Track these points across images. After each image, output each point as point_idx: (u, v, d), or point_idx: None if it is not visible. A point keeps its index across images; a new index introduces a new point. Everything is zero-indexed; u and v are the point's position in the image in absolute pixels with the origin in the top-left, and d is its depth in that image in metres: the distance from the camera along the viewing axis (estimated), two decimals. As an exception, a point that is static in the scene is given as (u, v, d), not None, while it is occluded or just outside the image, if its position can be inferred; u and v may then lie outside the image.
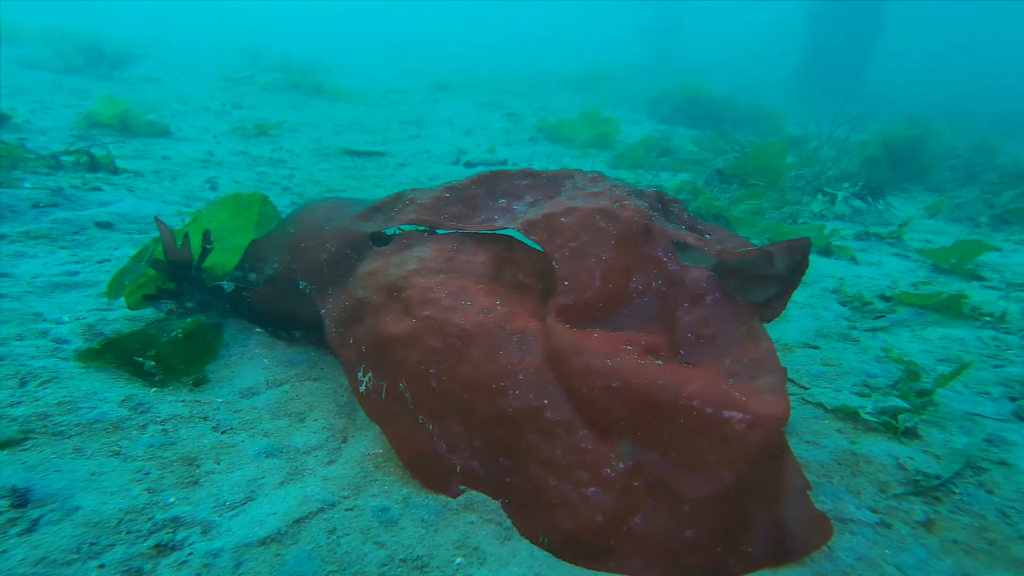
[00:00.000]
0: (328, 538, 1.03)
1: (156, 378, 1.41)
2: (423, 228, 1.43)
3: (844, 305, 2.45)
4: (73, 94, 6.46)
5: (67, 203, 2.76)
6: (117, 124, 4.65)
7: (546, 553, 1.07)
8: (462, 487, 1.17)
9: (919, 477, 1.34)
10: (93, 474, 1.10)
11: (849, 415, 1.57)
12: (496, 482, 1.15)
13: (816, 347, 1.99)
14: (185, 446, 1.22)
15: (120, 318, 1.67)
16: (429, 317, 1.20)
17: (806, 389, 1.71)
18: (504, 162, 5.13)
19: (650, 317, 1.27)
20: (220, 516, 1.05)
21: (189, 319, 1.48)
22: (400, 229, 1.44)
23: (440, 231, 1.41)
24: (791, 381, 1.75)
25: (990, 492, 1.33)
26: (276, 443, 1.26)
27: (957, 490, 1.32)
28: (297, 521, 1.05)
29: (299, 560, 0.98)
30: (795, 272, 1.50)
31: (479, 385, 1.15)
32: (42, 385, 1.35)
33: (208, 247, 1.66)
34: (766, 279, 1.51)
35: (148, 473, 1.13)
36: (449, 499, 1.15)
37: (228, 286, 1.71)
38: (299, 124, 6.12)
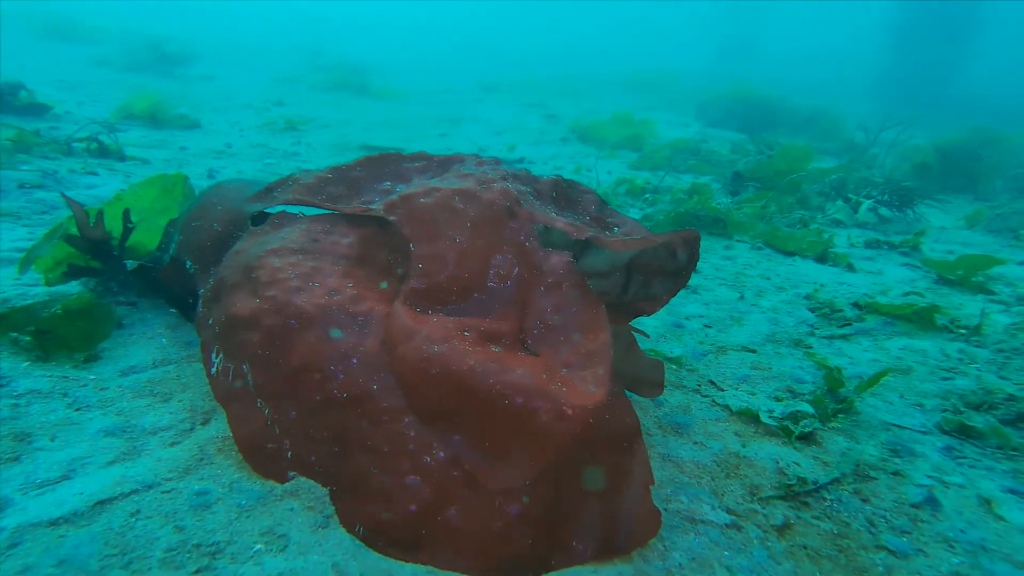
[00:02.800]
0: (125, 520, 1.01)
1: (35, 353, 1.43)
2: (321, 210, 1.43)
3: (813, 311, 2.32)
4: (129, 89, 6.81)
5: (55, 185, 2.89)
6: (148, 116, 4.89)
7: (359, 543, 1.05)
8: (292, 473, 1.14)
9: (794, 482, 1.26)
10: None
11: (751, 418, 1.49)
12: (325, 469, 1.13)
13: (753, 351, 1.89)
14: (27, 421, 1.22)
15: (41, 294, 1.68)
16: (272, 298, 1.19)
17: (722, 391, 1.62)
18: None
19: (508, 302, 1.23)
20: (24, 494, 1.04)
21: (74, 295, 1.51)
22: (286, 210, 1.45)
23: (320, 212, 1.41)
24: (711, 383, 1.67)
25: (865, 500, 1.24)
26: (124, 422, 1.25)
27: (829, 496, 1.24)
28: (102, 502, 1.04)
29: (80, 543, 0.96)
30: (691, 266, 1.44)
31: (311, 368, 1.14)
32: None
33: (129, 226, 1.72)
34: (666, 274, 1.46)
35: None
36: (276, 485, 1.12)
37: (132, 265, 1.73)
38: (332, 121, 6.28)
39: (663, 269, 1.44)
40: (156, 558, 0.96)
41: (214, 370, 1.26)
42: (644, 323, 2.03)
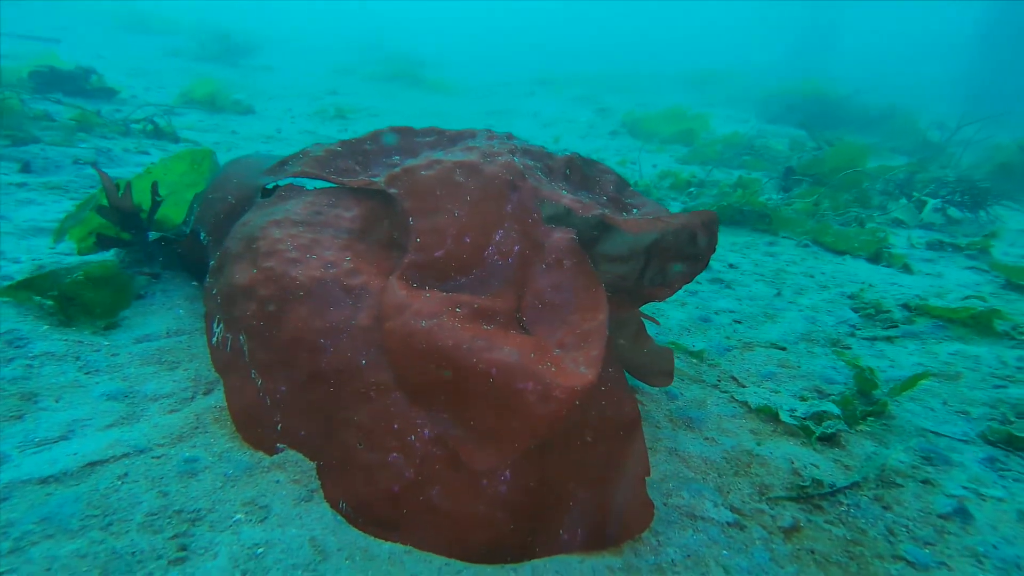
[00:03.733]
0: (111, 483, 1.01)
1: (57, 317, 1.46)
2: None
3: (856, 311, 2.19)
4: (194, 77, 7.05)
5: (108, 162, 3.01)
6: (206, 101, 5.06)
7: (340, 519, 1.03)
8: (281, 445, 1.13)
9: (808, 483, 1.18)
10: (-70, 398, 1.15)
11: (770, 417, 1.40)
12: (313, 443, 1.11)
13: (782, 348, 1.79)
14: (37, 382, 1.24)
15: (74, 264, 1.75)
16: (269, 268, 1.18)
17: (743, 388, 1.54)
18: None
19: (507, 280, 1.19)
20: (21, 452, 1.06)
21: (96, 263, 1.55)
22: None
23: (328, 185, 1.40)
24: (732, 379, 1.59)
25: (886, 508, 1.15)
26: (128, 388, 1.27)
27: (846, 501, 1.15)
28: (93, 464, 1.04)
29: (64, 502, 0.96)
30: (710, 250, 1.37)
31: (302, 341, 1.12)
32: None
33: (157, 199, 1.75)
34: (685, 258, 1.39)
35: None
36: (265, 456, 1.11)
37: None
38: (381, 110, 6.35)
39: (682, 254, 1.37)
40: (136, 521, 0.96)
41: (215, 340, 1.26)
42: (669, 316, 1.95)
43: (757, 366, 1.67)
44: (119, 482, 1.03)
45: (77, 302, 1.52)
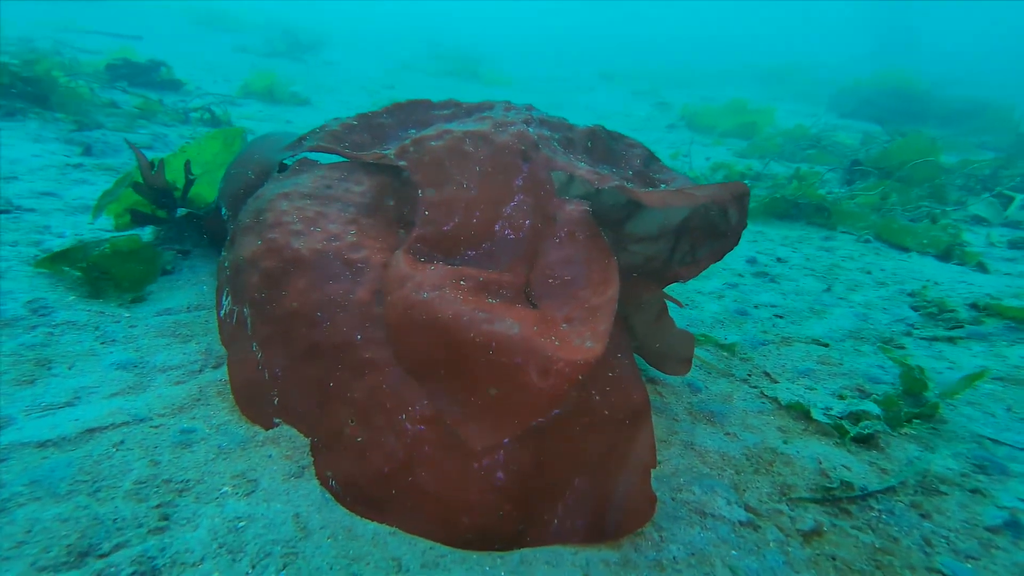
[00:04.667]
0: (106, 450, 1.01)
1: (85, 289, 1.49)
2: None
3: (916, 310, 2.03)
4: (259, 71, 7.27)
5: (163, 147, 3.11)
6: (265, 93, 5.20)
7: (328, 496, 1.00)
8: (277, 420, 1.11)
9: (836, 486, 1.08)
10: (-51, 360, 1.18)
11: (801, 414, 1.30)
12: (308, 418, 1.08)
13: (824, 345, 1.67)
14: (54, 349, 1.26)
15: (108, 238, 1.81)
16: (272, 240, 1.16)
17: (775, 384, 1.44)
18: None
19: (518, 254, 1.13)
20: (26, 416, 1.07)
21: (123, 237, 1.58)
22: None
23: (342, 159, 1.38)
24: (765, 375, 1.48)
25: (924, 516, 1.04)
26: (139, 358, 1.27)
27: (878, 507, 1.05)
28: (92, 430, 1.05)
29: (58, 466, 0.96)
30: (740, 226, 1.27)
31: (300, 314, 1.09)
32: None
33: (191, 178, 1.78)
34: (715, 235, 1.30)
35: None
36: (261, 430, 1.09)
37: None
38: (437, 104, 6.37)
39: (714, 231, 1.28)
40: (123, 489, 0.95)
41: (223, 312, 1.26)
42: (703, 307, 1.85)
43: (794, 362, 1.56)
44: (114, 449, 1.03)
45: (107, 275, 1.55)
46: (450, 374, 0.98)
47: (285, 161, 1.43)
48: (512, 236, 1.14)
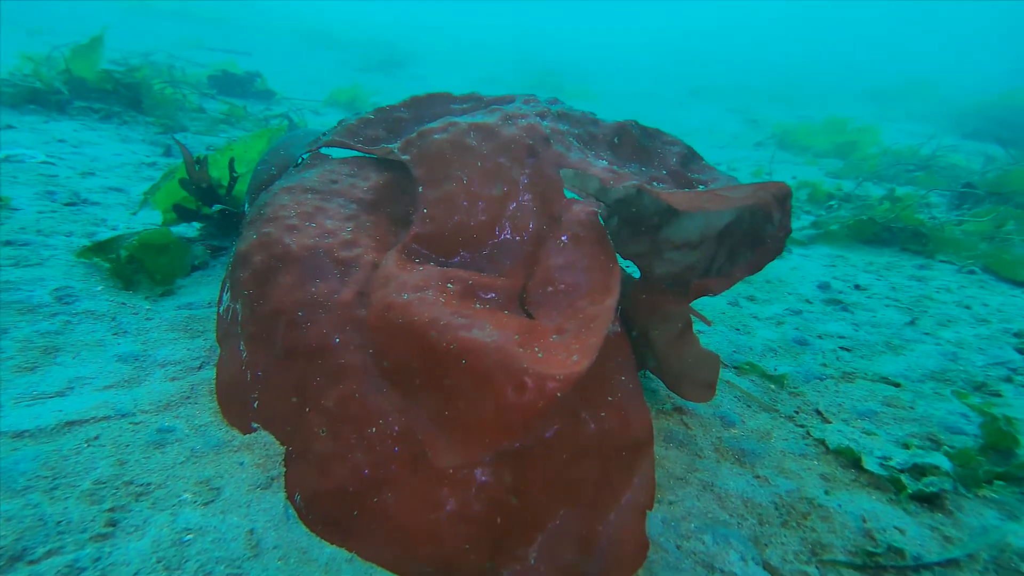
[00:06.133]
0: (77, 445, 0.97)
1: (115, 280, 1.50)
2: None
3: (1022, 353, 1.75)
4: (346, 83, 7.53)
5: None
6: (347, 103, 5.38)
7: (291, 513, 0.92)
8: (255, 424, 1.05)
9: (881, 551, 0.89)
10: (-37, 343, 1.19)
11: (851, 461, 1.11)
12: (284, 425, 1.01)
13: (896, 384, 1.45)
14: (67, 338, 1.26)
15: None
16: (266, 234, 1.10)
17: (826, 424, 1.25)
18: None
19: (520, 258, 1.03)
20: (15, 404, 1.05)
21: (153, 231, 1.57)
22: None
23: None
24: (816, 413, 1.30)
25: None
26: (142, 351, 1.25)
27: (930, 584, 0.86)
28: (71, 423, 1.02)
29: (24, 459, 0.93)
30: (783, 232, 1.11)
31: (282, 313, 1.02)
32: (23, 267, 1.50)
33: (235, 175, 1.78)
34: (757, 244, 1.14)
35: (3, 352, 1.18)
36: (238, 434, 1.04)
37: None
38: (517, 117, 6.35)
39: (756, 238, 1.12)
40: (81, 488, 0.91)
41: (222, 308, 1.21)
42: (756, 333, 1.67)
43: (853, 401, 1.36)
44: (85, 445, 0.99)
45: (141, 268, 1.55)
46: (424, 384, 0.88)
47: (304, 156, 1.38)
48: (515, 238, 1.04)
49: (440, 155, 1.08)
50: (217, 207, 1.73)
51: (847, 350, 1.63)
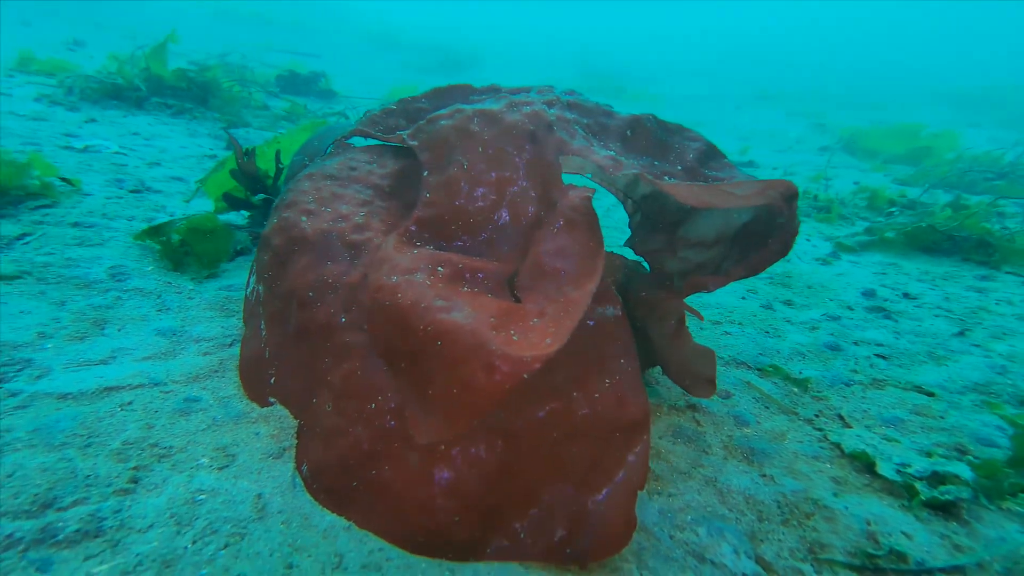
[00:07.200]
0: (112, 408, 1.05)
1: (165, 261, 1.60)
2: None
3: (1076, 367, 1.65)
4: (405, 83, 7.70)
5: (291, 146, 3.38)
6: (405, 103, 5.48)
7: (298, 482, 0.96)
8: (272, 399, 1.11)
9: (882, 553, 0.87)
10: (21, 312, 1.28)
11: (865, 466, 1.08)
12: (297, 400, 1.06)
13: (929, 394, 1.39)
14: (115, 312, 1.34)
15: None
16: (285, 219, 1.16)
17: (847, 428, 1.22)
18: (749, 163, 4.60)
19: (518, 244, 1.05)
20: (64, 368, 1.13)
21: (200, 216, 1.66)
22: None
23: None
24: (839, 417, 1.27)
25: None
26: (180, 327, 1.33)
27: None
28: (109, 388, 1.09)
29: (64, 418, 1.01)
30: (790, 233, 1.09)
31: (295, 293, 1.07)
32: (85, 246, 1.62)
33: (280, 166, 1.86)
34: (762, 244, 1.13)
35: (59, 321, 1.27)
36: (256, 407, 1.09)
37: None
38: (574, 118, 6.35)
39: (764, 238, 1.11)
40: (111, 447, 0.98)
41: (248, 289, 1.28)
42: (786, 336, 1.63)
43: (880, 408, 1.31)
44: (119, 409, 1.06)
45: (189, 250, 1.65)
46: (409, 365, 0.91)
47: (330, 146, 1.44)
48: (514, 223, 1.06)
49: (444, 140, 1.12)
50: (260, 196, 1.82)
51: (883, 358, 1.57)
